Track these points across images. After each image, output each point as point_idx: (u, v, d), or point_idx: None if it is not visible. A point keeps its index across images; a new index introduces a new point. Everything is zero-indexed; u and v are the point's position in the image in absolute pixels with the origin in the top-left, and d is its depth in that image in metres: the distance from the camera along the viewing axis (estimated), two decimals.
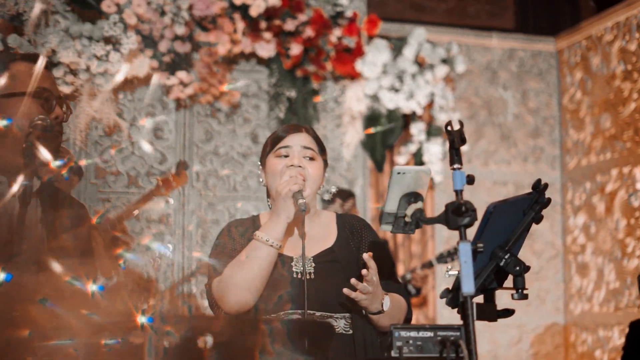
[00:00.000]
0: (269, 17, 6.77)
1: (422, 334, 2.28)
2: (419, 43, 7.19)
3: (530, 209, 2.50)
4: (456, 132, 2.39)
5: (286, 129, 3.15)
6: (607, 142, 7.40)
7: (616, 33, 7.34)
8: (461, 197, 2.32)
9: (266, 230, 2.93)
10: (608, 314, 7.29)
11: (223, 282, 2.89)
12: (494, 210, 2.37)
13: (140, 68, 6.53)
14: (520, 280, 2.45)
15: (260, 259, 2.88)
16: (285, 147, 3.08)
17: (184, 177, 5.42)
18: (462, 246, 2.26)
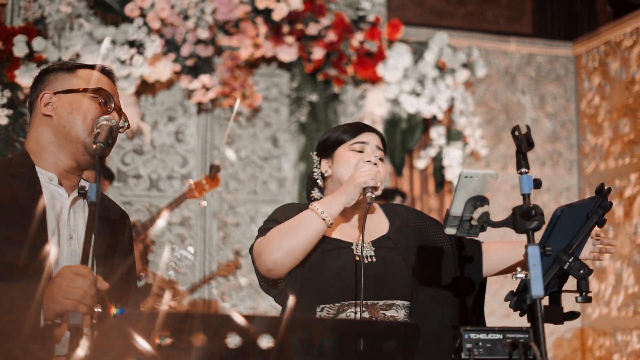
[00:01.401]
0: (292, 21, 6.79)
1: (491, 336, 2.30)
2: (440, 47, 7.21)
3: (594, 212, 2.52)
4: (523, 136, 2.41)
5: (360, 127, 3.19)
6: (626, 147, 7.43)
7: (635, 38, 7.37)
8: (529, 200, 2.34)
9: (323, 204, 2.94)
10: (626, 319, 7.31)
11: (267, 240, 2.89)
12: (561, 213, 2.39)
13: (163, 71, 6.56)
14: (584, 283, 2.48)
15: (309, 228, 2.88)
16: (362, 143, 3.13)
17: (217, 181, 5.43)
18: (530, 249, 2.28)
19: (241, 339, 1.83)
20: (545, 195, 7.78)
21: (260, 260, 2.89)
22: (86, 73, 2.74)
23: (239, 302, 6.82)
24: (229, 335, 1.80)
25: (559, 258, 2.47)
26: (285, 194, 7.00)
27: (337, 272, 2.93)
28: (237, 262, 6.78)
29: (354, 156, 3.10)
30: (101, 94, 2.69)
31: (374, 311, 2.92)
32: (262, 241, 2.92)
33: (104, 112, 2.66)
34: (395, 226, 3.16)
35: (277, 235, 2.88)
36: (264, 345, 1.82)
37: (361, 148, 3.12)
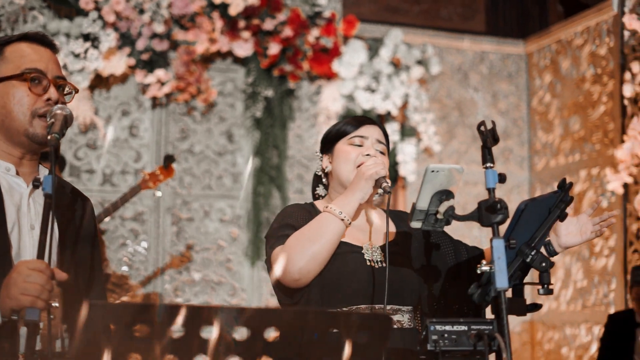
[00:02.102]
0: (248, 17, 6.79)
1: (456, 327, 2.34)
2: (395, 44, 7.27)
3: (556, 206, 2.57)
4: (489, 132, 2.44)
5: (360, 120, 3.13)
6: (576, 144, 7.56)
7: (586, 37, 7.49)
8: (494, 195, 2.38)
9: (339, 204, 2.89)
10: (575, 312, 7.44)
11: (287, 249, 2.82)
12: (525, 208, 2.43)
13: (117, 66, 6.52)
14: (545, 275, 2.52)
15: (329, 231, 2.83)
16: (361, 137, 3.07)
17: (171, 171, 5.41)
18: (495, 242, 2.32)
19: (217, 331, 1.84)
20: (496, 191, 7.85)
21: (286, 270, 2.81)
22: (15, 52, 2.58)
23: (192, 296, 6.81)
24: (204, 328, 1.81)
25: (521, 251, 2.52)
26: (239, 189, 7.00)
27: (348, 276, 2.88)
28: (189, 256, 6.76)
29: (353, 150, 3.04)
30: (29, 76, 2.53)
31: (392, 319, 2.88)
32: (282, 251, 2.85)
33: (38, 95, 2.56)
34: (402, 232, 3.11)
35: (298, 243, 2.82)
36: (238, 337, 1.83)
37: (361, 142, 3.07)
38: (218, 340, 1.84)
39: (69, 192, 2.72)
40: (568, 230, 2.96)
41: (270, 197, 6.96)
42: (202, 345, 1.83)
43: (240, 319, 1.86)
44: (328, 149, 3.14)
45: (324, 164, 3.15)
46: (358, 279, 2.89)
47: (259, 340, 1.85)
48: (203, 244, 6.89)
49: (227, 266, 6.92)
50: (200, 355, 1.86)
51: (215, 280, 6.88)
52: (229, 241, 6.95)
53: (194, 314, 1.83)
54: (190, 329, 1.81)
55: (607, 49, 7.24)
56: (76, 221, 2.67)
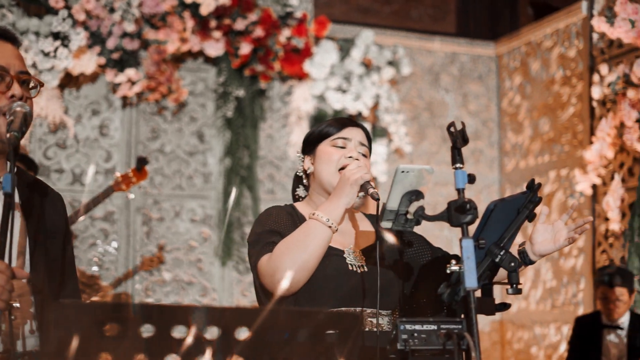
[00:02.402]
0: (219, 16, 6.78)
1: (426, 327, 2.35)
2: (366, 45, 7.29)
3: (525, 207, 2.60)
4: (458, 132, 2.46)
5: (343, 121, 3.12)
6: (546, 145, 7.62)
7: (556, 40, 7.55)
8: (463, 195, 2.40)
9: (325, 210, 2.85)
10: (544, 312, 7.49)
11: (276, 259, 2.80)
12: (495, 208, 2.45)
13: (87, 65, 6.48)
14: (514, 275, 2.54)
15: (317, 238, 2.80)
16: (344, 139, 3.06)
17: (145, 173, 5.39)
18: (465, 242, 2.33)
19: (187, 331, 1.84)
20: (466, 192, 7.89)
21: (275, 280, 2.79)
22: None
23: (163, 297, 6.79)
24: (175, 327, 1.81)
25: (490, 251, 2.54)
26: (210, 189, 6.99)
27: (329, 280, 2.86)
28: (161, 257, 6.74)
29: (336, 152, 3.04)
30: None
31: (362, 317, 2.89)
32: (270, 261, 2.82)
33: (1, 92, 2.46)
34: (381, 236, 3.05)
35: (286, 252, 2.79)
36: (209, 336, 1.83)
37: (343, 144, 3.05)
38: (189, 340, 1.84)
39: (40, 189, 2.68)
40: (543, 237, 2.98)
41: (241, 197, 6.95)
42: (173, 344, 1.83)
43: (212, 318, 1.87)
44: (310, 150, 3.13)
45: (305, 164, 3.14)
46: (339, 282, 2.88)
47: (231, 340, 1.85)
48: (174, 244, 6.87)
49: (198, 266, 6.91)
50: (171, 355, 1.86)
51: (186, 280, 6.87)
52: (200, 241, 6.93)
53: (164, 313, 1.83)
54: (161, 329, 1.81)
55: (576, 51, 7.30)
56: (47, 218, 2.64)
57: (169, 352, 1.85)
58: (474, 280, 2.30)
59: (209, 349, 1.87)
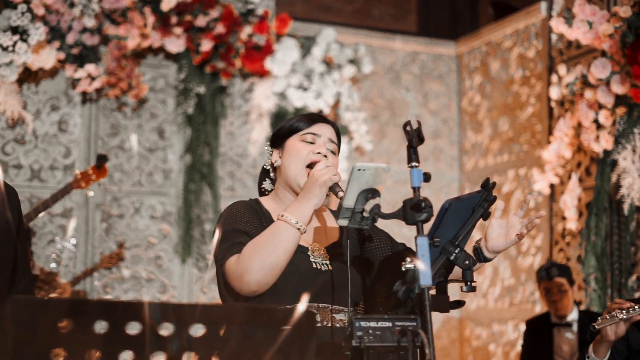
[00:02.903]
0: (180, 12, 6.76)
1: (381, 324, 2.37)
2: (327, 43, 7.30)
3: (479, 205, 2.62)
4: (414, 131, 2.49)
5: (314, 117, 3.11)
6: (505, 145, 7.69)
7: (515, 40, 7.62)
8: (419, 193, 2.42)
9: (294, 212, 2.84)
10: (503, 310, 7.57)
11: (244, 261, 2.79)
12: (449, 206, 2.48)
13: (47, 60, 6.43)
14: (469, 273, 2.57)
15: (285, 241, 2.79)
16: (313, 134, 3.05)
17: (104, 171, 5.35)
18: (419, 240, 2.36)
19: (109, 326, 1.84)
20: (426, 190, 7.96)
21: (244, 282, 2.79)
22: None
23: (122, 293, 6.76)
24: (129, 323, 1.81)
25: (445, 249, 2.56)
26: (170, 185, 6.97)
27: (292, 277, 2.86)
28: (120, 254, 6.71)
29: (304, 147, 3.03)
30: None
31: (325, 314, 2.90)
32: (239, 262, 2.81)
33: None
34: (345, 233, 3.07)
35: (255, 254, 2.78)
36: (164, 332, 1.83)
37: (312, 139, 3.05)
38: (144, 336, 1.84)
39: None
40: (497, 233, 2.97)
41: (202, 194, 6.94)
42: (128, 341, 1.83)
43: (166, 314, 1.87)
44: (279, 144, 3.11)
45: (273, 158, 3.12)
46: (302, 280, 2.88)
47: (186, 336, 1.85)
48: (133, 241, 6.83)
49: (158, 263, 6.88)
50: (126, 351, 1.86)
51: (145, 277, 6.84)
52: (160, 238, 6.91)
53: (119, 309, 1.83)
54: (115, 325, 1.81)
55: (535, 51, 7.37)
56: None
57: (123, 349, 1.85)
58: (429, 278, 2.33)
59: (164, 346, 1.87)
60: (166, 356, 1.87)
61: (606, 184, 6.26)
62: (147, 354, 1.86)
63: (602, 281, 6.33)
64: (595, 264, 6.35)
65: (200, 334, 1.86)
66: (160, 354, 1.88)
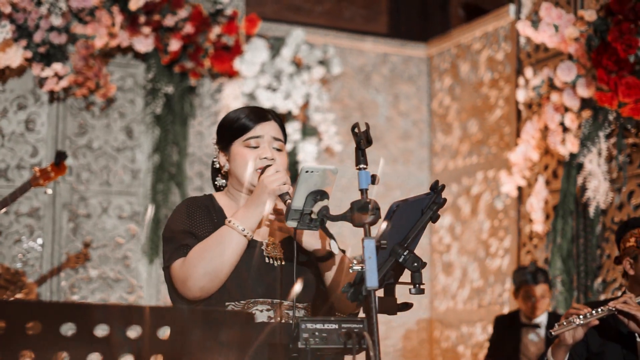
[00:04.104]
0: (148, 12, 6.73)
1: (327, 326, 2.37)
2: (296, 44, 7.30)
3: (428, 208, 2.63)
4: (362, 134, 2.49)
5: (254, 117, 3.04)
6: (474, 147, 7.71)
7: (485, 42, 7.65)
8: (366, 195, 2.42)
9: (241, 218, 2.83)
10: (471, 311, 7.59)
11: (189, 265, 2.80)
12: (397, 208, 2.48)
13: (13, 58, 6.39)
14: (417, 275, 2.57)
15: (231, 247, 2.79)
16: (256, 138, 3.00)
17: (63, 168, 5.32)
18: (366, 242, 2.36)
19: (77, 328, 1.84)
20: (397, 192, 7.97)
21: (186, 287, 2.80)
22: None
23: (89, 294, 6.72)
24: (97, 325, 1.81)
25: (394, 251, 2.56)
26: (138, 185, 6.94)
27: (246, 273, 2.85)
28: (87, 254, 6.67)
29: (249, 153, 2.98)
30: None
31: (279, 310, 2.88)
32: (183, 266, 2.82)
33: None
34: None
35: (200, 259, 2.78)
36: (131, 335, 1.84)
37: (257, 143, 2.99)
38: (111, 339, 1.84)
39: None
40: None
41: (170, 193, 6.92)
42: (95, 343, 1.83)
43: (133, 317, 1.87)
44: (224, 147, 3.07)
45: (220, 161, 3.08)
46: (256, 275, 2.88)
47: (152, 338, 1.86)
48: (100, 241, 6.80)
49: (125, 263, 6.86)
50: (94, 353, 1.86)
51: (113, 277, 6.81)
52: (127, 238, 6.88)
53: (87, 311, 1.82)
54: (83, 327, 1.81)
55: (504, 54, 7.40)
56: None
57: (91, 351, 1.85)
58: (375, 280, 2.33)
59: (131, 348, 1.87)
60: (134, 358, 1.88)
61: (572, 186, 6.30)
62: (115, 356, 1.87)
63: (568, 283, 6.37)
64: (562, 266, 6.39)
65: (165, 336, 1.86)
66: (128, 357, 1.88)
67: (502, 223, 7.30)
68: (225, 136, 3.06)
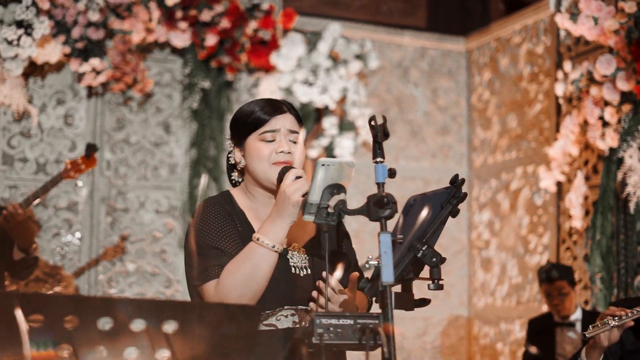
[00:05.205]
0: (185, 7, 6.75)
1: (342, 321, 2.34)
2: (333, 38, 7.27)
3: (448, 202, 2.58)
4: (379, 127, 2.45)
5: (269, 109, 2.95)
6: (513, 142, 7.62)
7: (524, 36, 7.55)
8: (383, 189, 2.39)
9: (268, 233, 2.76)
10: (510, 308, 7.51)
11: (223, 290, 2.73)
12: (414, 203, 2.44)
13: (52, 54, 6.44)
14: (436, 271, 2.53)
15: (264, 266, 2.73)
16: (272, 132, 2.91)
17: (94, 161, 5.34)
18: (382, 237, 2.32)
19: (113, 323, 1.84)
20: (435, 187, 7.89)
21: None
22: None
23: (126, 287, 6.77)
24: (100, 318, 1.81)
25: (412, 246, 2.52)
26: (176, 180, 6.96)
27: (270, 283, 2.78)
28: (123, 247, 6.72)
29: (265, 147, 2.90)
30: None
31: (304, 316, 2.85)
32: (217, 291, 2.75)
33: None
34: (320, 230, 3.00)
35: (234, 284, 2.71)
36: (135, 328, 1.83)
37: (272, 137, 2.91)
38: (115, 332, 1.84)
39: None
40: None
41: (207, 188, 6.94)
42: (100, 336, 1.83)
43: (138, 310, 1.87)
44: (239, 142, 2.98)
45: (235, 156, 2.99)
46: (280, 285, 2.82)
47: (158, 333, 1.85)
48: (138, 235, 6.85)
49: (162, 257, 6.89)
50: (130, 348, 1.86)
51: (150, 271, 6.85)
52: (165, 232, 6.92)
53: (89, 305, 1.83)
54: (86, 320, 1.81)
55: (544, 47, 7.30)
56: None
57: (128, 345, 1.85)
58: (391, 275, 2.29)
59: (135, 341, 1.86)
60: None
61: (612, 182, 6.18)
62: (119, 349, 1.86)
63: (607, 280, 6.26)
64: (601, 263, 6.28)
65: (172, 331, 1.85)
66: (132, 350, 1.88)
67: (541, 219, 7.21)
68: (239, 130, 2.98)
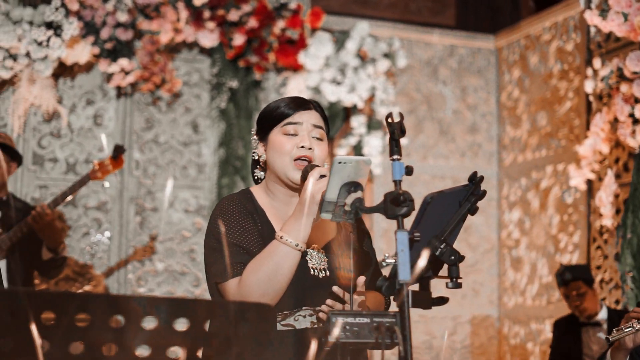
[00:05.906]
0: (213, 7, 6.77)
1: (358, 320, 2.32)
2: (361, 37, 7.25)
3: (466, 200, 2.56)
4: (396, 124, 2.42)
5: (294, 105, 2.93)
6: (543, 140, 7.56)
7: (554, 33, 7.48)
8: (400, 187, 2.37)
9: (292, 231, 2.74)
10: (540, 308, 7.44)
11: (245, 288, 2.73)
12: (431, 200, 2.42)
13: (81, 54, 6.50)
14: (454, 269, 2.50)
15: (287, 264, 2.72)
16: (294, 124, 2.90)
17: (121, 162, 5.37)
18: (399, 235, 2.30)
19: (125, 321, 1.84)
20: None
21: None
22: None
23: (155, 287, 6.80)
24: (112, 316, 1.81)
25: (430, 244, 2.51)
26: (204, 179, 6.99)
27: (290, 285, 2.77)
28: (153, 247, 6.75)
29: (287, 141, 2.88)
30: None
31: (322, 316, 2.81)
32: (240, 288, 2.74)
33: None
34: (339, 228, 3.01)
35: (256, 281, 2.70)
36: (147, 326, 1.83)
37: (295, 130, 2.89)
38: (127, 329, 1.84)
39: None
40: None
41: (235, 188, 6.95)
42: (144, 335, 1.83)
43: (150, 308, 1.87)
44: (262, 137, 2.97)
45: (259, 151, 2.98)
46: (300, 287, 2.81)
47: (169, 330, 1.85)
48: (167, 234, 6.88)
49: (191, 256, 6.92)
50: (142, 346, 1.86)
51: (179, 270, 6.87)
52: (193, 231, 6.94)
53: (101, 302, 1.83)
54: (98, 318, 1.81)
55: (573, 45, 7.23)
56: None
57: (139, 343, 1.85)
58: (408, 274, 2.27)
59: (148, 339, 1.87)
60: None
61: None
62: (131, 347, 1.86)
63: (639, 279, 6.19)
64: (632, 262, 6.20)
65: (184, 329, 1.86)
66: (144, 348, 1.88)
67: (571, 217, 7.14)
68: (263, 125, 2.97)
